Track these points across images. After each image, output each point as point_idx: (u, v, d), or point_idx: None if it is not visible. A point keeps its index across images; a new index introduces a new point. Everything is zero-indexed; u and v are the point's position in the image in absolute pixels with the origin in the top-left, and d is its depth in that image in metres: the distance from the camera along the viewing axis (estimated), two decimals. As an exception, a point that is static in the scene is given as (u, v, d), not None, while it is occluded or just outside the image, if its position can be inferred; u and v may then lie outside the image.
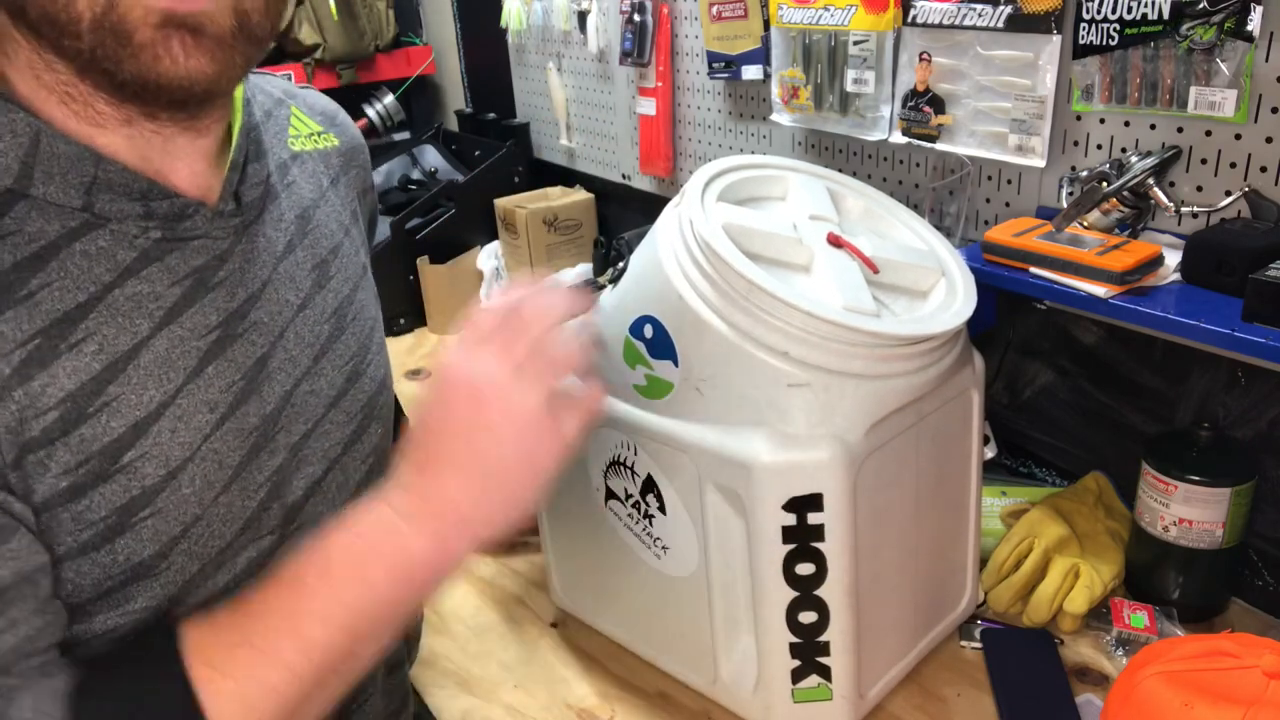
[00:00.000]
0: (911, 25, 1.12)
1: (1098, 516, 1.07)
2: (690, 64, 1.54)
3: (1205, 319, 0.82)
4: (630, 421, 0.85)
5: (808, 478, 0.75)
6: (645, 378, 0.83)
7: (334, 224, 0.72)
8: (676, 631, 0.92)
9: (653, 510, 0.87)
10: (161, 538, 0.58)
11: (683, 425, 0.81)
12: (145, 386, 0.57)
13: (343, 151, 0.78)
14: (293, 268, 0.66)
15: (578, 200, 1.87)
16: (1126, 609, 0.97)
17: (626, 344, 0.84)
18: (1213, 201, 0.92)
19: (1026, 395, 1.22)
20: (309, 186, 0.71)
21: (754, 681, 0.86)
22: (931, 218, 1.20)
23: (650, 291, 0.81)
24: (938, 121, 1.13)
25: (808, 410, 0.75)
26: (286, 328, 0.65)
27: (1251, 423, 0.99)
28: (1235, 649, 0.73)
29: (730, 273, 0.74)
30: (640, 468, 0.86)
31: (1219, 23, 0.85)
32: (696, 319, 0.77)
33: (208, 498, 0.60)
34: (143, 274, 0.57)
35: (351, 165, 0.79)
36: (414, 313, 1.89)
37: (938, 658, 0.97)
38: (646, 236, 0.87)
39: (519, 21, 1.91)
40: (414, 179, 2.09)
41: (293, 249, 0.67)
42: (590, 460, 0.91)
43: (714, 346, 0.77)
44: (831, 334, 0.74)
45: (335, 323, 0.69)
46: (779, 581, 0.79)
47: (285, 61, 2.09)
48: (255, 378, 0.62)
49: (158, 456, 0.57)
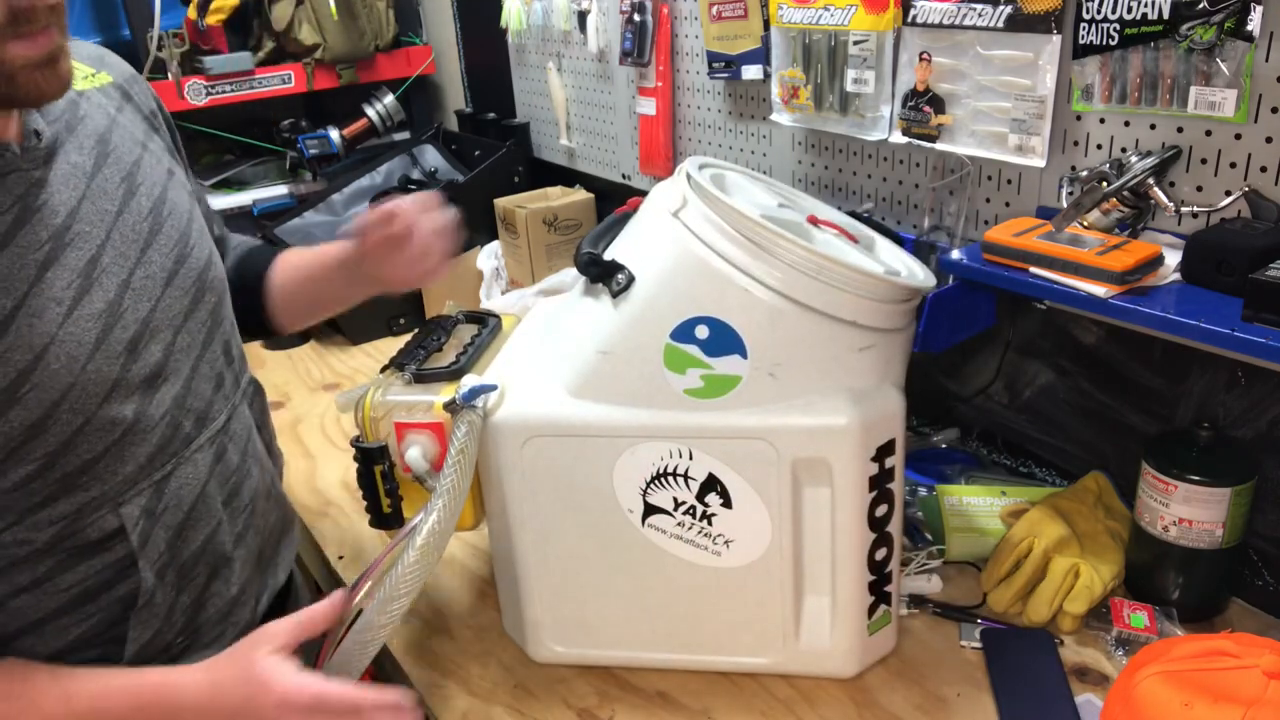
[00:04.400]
0: (911, 25, 1.12)
1: (1098, 516, 1.07)
2: (690, 64, 1.54)
3: (1205, 319, 0.82)
4: (686, 426, 0.85)
5: (886, 427, 0.86)
6: (701, 379, 0.84)
7: (130, 142, 0.87)
8: (734, 622, 0.93)
9: (714, 509, 0.88)
10: (45, 403, 0.73)
11: (756, 413, 0.84)
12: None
13: (118, 85, 0.91)
14: (104, 183, 0.81)
15: (578, 200, 1.87)
16: (1126, 609, 0.97)
17: (669, 352, 0.83)
18: (1213, 201, 0.92)
19: (1026, 395, 1.22)
20: (99, 116, 0.85)
21: (829, 633, 0.92)
22: (931, 217, 1.20)
23: (696, 294, 0.82)
24: (938, 121, 1.13)
25: (873, 368, 0.85)
26: (111, 231, 0.80)
27: (1251, 423, 0.99)
28: (1235, 649, 0.73)
29: (804, 257, 0.80)
30: (697, 470, 0.87)
31: (1219, 23, 0.85)
32: (769, 308, 0.81)
33: (75, 368, 0.75)
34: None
35: (130, 93, 0.93)
36: (414, 312, 1.89)
37: (938, 658, 0.97)
38: (646, 245, 0.87)
39: (519, 21, 1.92)
40: (414, 179, 2.09)
41: (100, 168, 0.82)
42: (618, 488, 0.90)
43: (789, 330, 0.82)
44: (889, 295, 0.83)
45: (153, 220, 0.84)
46: (863, 528, 0.88)
47: (285, 61, 2.09)
48: (90, 274, 0.77)
49: (22, 345, 0.72)
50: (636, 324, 0.85)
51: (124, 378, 0.79)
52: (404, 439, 0.94)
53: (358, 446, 0.94)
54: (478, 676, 1.00)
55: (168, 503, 0.83)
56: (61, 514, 0.77)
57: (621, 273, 0.85)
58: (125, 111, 0.90)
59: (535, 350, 0.98)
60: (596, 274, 0.87)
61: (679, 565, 0.91)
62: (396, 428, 0.94)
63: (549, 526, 0.93)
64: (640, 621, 0.96)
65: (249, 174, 2.23)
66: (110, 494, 0.79)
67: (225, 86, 2.02)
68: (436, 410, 0.92)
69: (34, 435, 0.73)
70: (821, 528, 0.88)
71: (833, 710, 0.92)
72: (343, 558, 1.23)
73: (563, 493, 0.91)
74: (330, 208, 2.05)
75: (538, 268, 1.85)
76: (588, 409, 0.88)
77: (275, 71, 2.07)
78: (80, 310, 0.76)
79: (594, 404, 0.87)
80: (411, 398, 0.94)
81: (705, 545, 0.90)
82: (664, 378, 0.84)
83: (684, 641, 0.96)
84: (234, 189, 2.17)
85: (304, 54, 2.08)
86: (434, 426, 0.93)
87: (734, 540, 0.89)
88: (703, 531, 0.89)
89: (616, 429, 0.87)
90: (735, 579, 0.91)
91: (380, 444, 0.94)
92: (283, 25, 2.04)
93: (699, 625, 0.95)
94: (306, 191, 2.18)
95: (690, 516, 0.89)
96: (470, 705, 0.97)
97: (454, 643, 1.05)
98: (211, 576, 0.89)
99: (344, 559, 1.23)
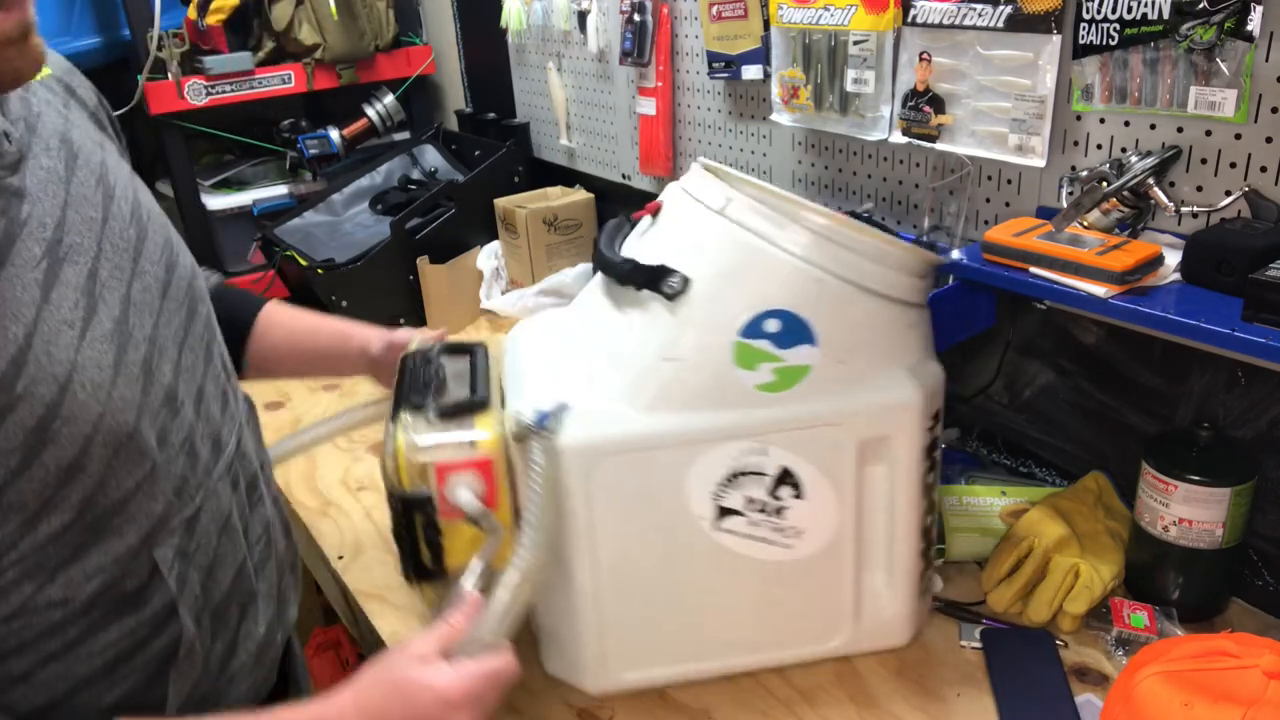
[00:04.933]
0: (911, 25, 1.12)
1: (1098, 516, 1.07)
2: (690, 64, 1.54)
3: (1205, 319, 0.82)
4: (761, 423, 0.85)
5: (937, 397, 0.90)
6: (773, 373, 0.84)
7: (89, 142, 0.77)
8: (803, 613, 0.94)
9: (786, 502, 0.89)
10: (78, 437, 0.66)
11: (827, 400, 0.86)
12: (6, 326, 0.63)
13: (59, 78, 0.81)
14: (81, 188, 0.72)
15: (578, 200, 1.87)
16: (1126, 609, 0.97)
17: (739, 350, 0.83)
18: (1213, 201, 0.92)
19: (1026, 395, 1.22)
20: (52, 114, 0.75)
21: (889, 605, 0.95)
22: (931, 217, 1.20)
23: (765, 289, 0.82)
24: (938, 121, 1.13)
25: (919, 343, 0.90)
26: (101, 241, 0.72)
27: (1251, 423, 0.99)
28: (1235, 649, 0.73)
29: (867, 242, 0.83)
30: (771, 465, 0.87)
31: (1219, 23, 0.85)
32: (837, 295, 0.83)
33: (101, 395, 0.67)
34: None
35: (73, 88, 0.83)
36: (414, 313, 1.89)
37: (938, 658, 0.97)
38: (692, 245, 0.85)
39: (519, 21, 1.92)
40: (414, 179, 2.09)
41: (74, 171, 0.73)
42: (690, 495, 0.88)
43: (856, 315, 0.85)
44: (926, 269, 0.88)
45: (137, 225, 0.76)
46: (919, 498, 0.91)
47: (285, 61, 2.09)
48: (93, 291, 0.70)
49: (44, 377, 0.64)
50: (702, 326, 0.83)
51: (145, 402, 0.71)
52: (447, 481, 0.86)
53: (402, 497, 0.85)
54: (478, 676, 1.00)
55: (199, 540, 0.77)
56: (97, 566, 0.69)
57: (673, 276, 0.83)
58: (72, 108, 0.80)
59: (565, 367, 0.92)
60: (643, 280, 0.84)
61: (750, 565, 0.91)
62: (438, 470, 0.86)
63: (617, 550, 0.89)
64: (708, 631, 0.94)
65: (249, 174, 2.23)
66: (144, 537, 0.72)
67: (225, 86, 2.02)
68: (483, 446, 0.85)
69: (71, 476, 0.66)
70: (881, 503, 0.91)
71: (833, 710, 0.92)
72: (342, 558, 1.23)
73: (633, 511, 0.88)
74: (330, 208, 2.05)
75: (538, 268, 1.85)
76: (660, 420, 0.85)
77: (275, 71, 2.07)
78: (91, 332, 0.69)
79: (666, 414, 0.85)
80: (449, 436, 0.86)
81: (776, 540, 0.90)
82: (735, 376, 0.84)
83: (751, 643, 0.96)
84: (234, 189, 2.16)
85: (304, 54, 2.08)
86: (480, 464, 0.86)
87: (805, 530, 0.90)
88: (775, 527, 0.89)
89: (691, 436, 0.85)
90: (804, 569, 0.91)
91: (425, 492, 0.85)
92: (283, 25, 2.04)
93: (766, 624, 0.95)
94: (306, 191, 2.18)
95: (763, 513, 0.89)
96: (470, 705, 0.96)
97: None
98: (242, 617, 0.83)
99: (344, 559, 1.23)
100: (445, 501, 0.86)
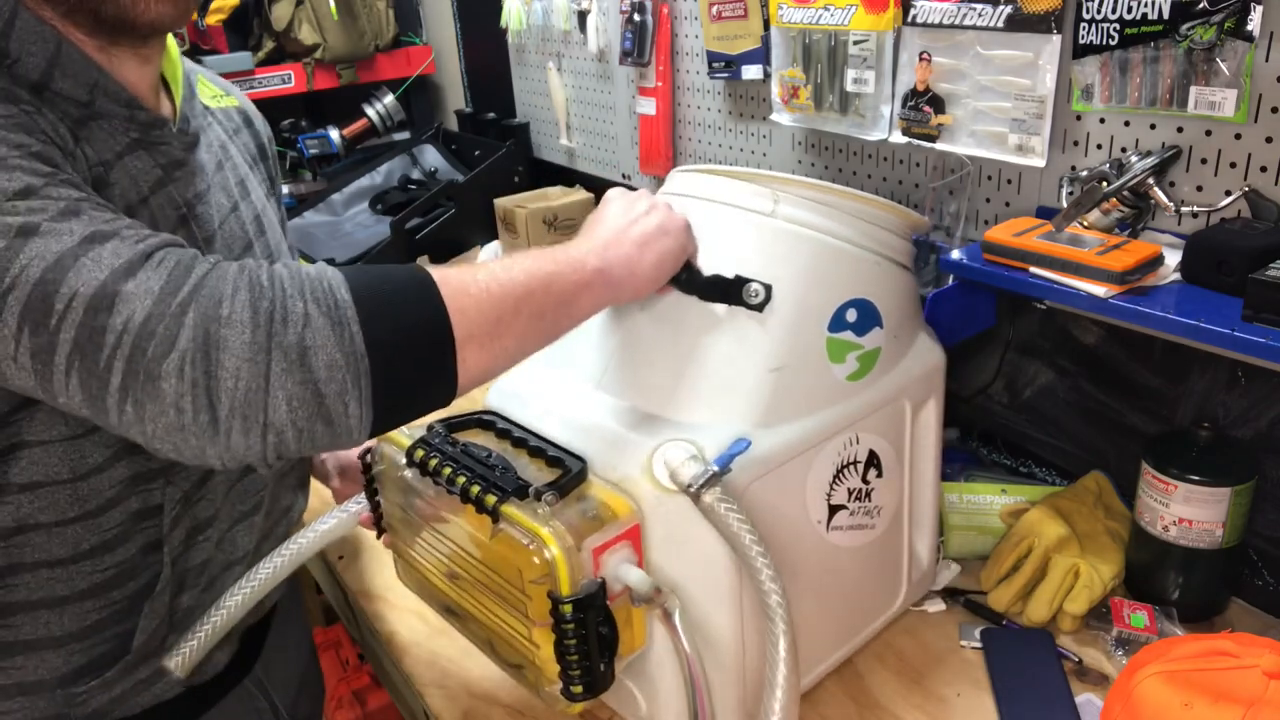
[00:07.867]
0: (911, 25, 1.12)
1: (1098, 516, 1.07)
2: (690, 64, 1.54)
3: (1205, 319, 0.82)
4: (854, 412, 0.87)
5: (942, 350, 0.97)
6: (857, 360, 0.86)
7: (242, 160, 0.95)
8: (878, 585, 0.98)
9: (873, 483, 0.91)
10: None
11: (892, 376, 0.90)
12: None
13: (241, 112, 1.00)
14: (223, 180, 0.88)
15: (578, 200, 1.88)
16: (1126, 609, 0.97)
17: (830, 345, 0.84)
18: (1213, 201, 0.92)
19: (1026, 395, 1.22)
20: (220, 131, 0.93)
21: (925, 556, 1.02)
22: (931, 217, 1.20)
23: (838, 281, 0.85)
24: (938, 121, 1.13)
25: (920, 308, 0.96)
26: (224, 221, 0.86)
27: (1251, 423, 0.99)
28: (1235, 649, 0.73)
29: (901, 222, 0.89)
30: (862, 452, 0.89)
31: (1219, 23, 0.85)
32: (892, 275, 0.89)
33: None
34: (135, 154, 0.78)
35: (251, 119, 1.02)
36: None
37: (938, 657, 0.97)
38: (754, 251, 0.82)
39: (519, 21, 1.92)
40: (414, 179, 2.10)
41: (221, 168, 0.89)
42: (810, 502, 0.84)
43: (902, 290, 0.90)
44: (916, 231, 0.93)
45: (255, 227, 0.91)
46: (938, 454, 0.99)
47: (285, 61, 2.09)
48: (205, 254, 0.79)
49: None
50: (795, 329, 0.82)
51: None
52: (603, 565, 0.75)
53: (573, 602, 0.71)
54: (478, 677, 1.00)
55: (204, 494, 0.85)
56: (120, 477, 0.78)
57: (751, 284, 0.80)
58: (241, 135, 0.98)
59: (662, 402, 0.82)
60: (722, 293, 0.81)
61: (852, 556, 0.92)
62: (594, 555, 0.74)
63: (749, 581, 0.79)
64: (818, 632, 0.91)
65: (249, 174, 2.23)
66: (166, 469, 0.80)
67: (225, 86, 2.02)
68: (623, 512, 0.76)
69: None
70: (920, 463, 0.97)
71: (833, 710, 0.92)
72: (343, 558, 1.23)
73: (768, 533, 0.76)
74: (330, 208, 2.05)
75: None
76: (781, 433, 0.80)
77: (275, 71, 2.07)
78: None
79: (784, 425, 0.81)
80: (584, 511, 0.75)
81: (867, 524, 0.92)
82: (830, 372, 0.85)
83: (848, 630, 0.96)
84: (234, 189, 2.17)
85: (304, 54, 2.08)
86: (628, 534, 0.76)
87: (883, 506, 0.93)
88: (866, 510, 0.91)
89: (809, 441, 0.83)
90: (881, 543, 0.95)
91: (597, 580, 0.73)
92: (283, 25, 2.04)
93: (856, 608, 0.96)
94: (306, 191, 2.18)
95: (859, 501, 0.90)
96: (470, 705, 0.97)
97: (454, 643, 1.05)
98: (207, 588, 0.89)
99: (344, 559, 1.23)
100: (608, 588, 0.75)
